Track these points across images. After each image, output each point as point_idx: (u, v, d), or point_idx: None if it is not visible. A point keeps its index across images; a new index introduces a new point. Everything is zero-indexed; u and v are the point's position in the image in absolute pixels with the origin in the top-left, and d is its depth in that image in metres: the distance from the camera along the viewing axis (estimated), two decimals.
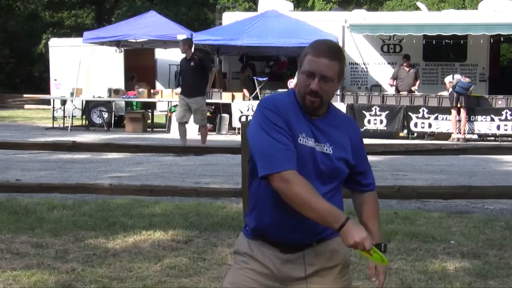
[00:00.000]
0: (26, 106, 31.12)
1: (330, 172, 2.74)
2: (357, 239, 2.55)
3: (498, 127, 16.47)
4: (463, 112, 16.26)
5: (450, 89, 16.35)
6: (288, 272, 2.78)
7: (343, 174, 2.79)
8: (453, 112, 16.31)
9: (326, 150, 2.73)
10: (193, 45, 13.53)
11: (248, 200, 2.87)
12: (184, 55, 13.11)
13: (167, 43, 19.80)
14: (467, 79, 16.37)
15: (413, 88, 17.45)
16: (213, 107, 18.52)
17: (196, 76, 12.73)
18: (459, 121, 16.35)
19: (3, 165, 10.90)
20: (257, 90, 18.14)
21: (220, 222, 6.81)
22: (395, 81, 17.71)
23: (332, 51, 2.73)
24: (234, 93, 18.21)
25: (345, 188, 2.90)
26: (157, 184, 8.27)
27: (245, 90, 18.33)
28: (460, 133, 16.27)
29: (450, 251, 5.83)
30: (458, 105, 16.24)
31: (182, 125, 12.82)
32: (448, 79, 16.60)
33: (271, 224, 2.77)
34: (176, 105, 18.90)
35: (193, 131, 16.94)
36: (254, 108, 2.87)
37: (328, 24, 18.00)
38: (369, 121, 16.98)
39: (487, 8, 18.31)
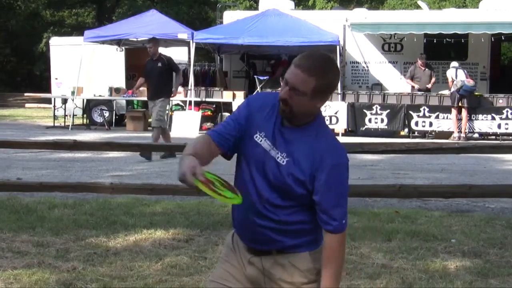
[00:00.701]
0: (27, 105, 31.13)
1: (279, 183, 2.65)
2: (184, 168, 2.48)
3: (499, 126, 16.47)
4: (464, 112, 16.23)
5: (453, 89, 16.27)
6: (252, 274, 2.78)
7: (294, 191, 2.64)
8: (454, 111, 16.29)
9: (279, 159, 2.64)
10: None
11: None
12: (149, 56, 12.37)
13: (168, 42, 19.79)
14: (472, 82, 16.26)
15: (428, 86, 17.31)
16: (214, 106, 18.54)
17: (163, 77, 12.05)
18: (460, 120, 16.33)
19: (4, 164, 10.90)
20: (258, 89, 18.15)
21: (221, 221, 6.81)
22: (413, 80, 17.53)
23: (313, 66, 2.61)
24: (235, 92, 18.21)
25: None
26: (158, 183, 8.26)
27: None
28: (461, 132, 16.25)
29: (451, 250, 5.83)
30: (460, 105, 16.22)
31: (162, 130, 12.10)
32: (450, 73, 16.43)
33: (236, 220, 2.83)
34: (177, 103, 19.04)
35: (193, 131, 16.97)
36: (255, 95, 2.90)
37: (329, 23, 18.00)
38: (370, 120, 16.98)
39: (488, 6, 18.29)
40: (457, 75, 16.30)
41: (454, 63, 16.62)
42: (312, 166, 2.62)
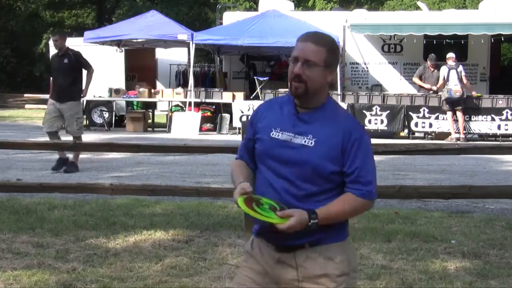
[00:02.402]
0: (27, 106, 31.12)
1: (310, 167, 2.67)
2: (234, 195, 2.66)
3: (499, 127, 16.45)
4: (459, 113, 16.17)
5: (441, 93, 16.24)
6: (280, 273, 2.76)
7: (326, 170, 2.67)
8: (449, 112, 16.25)
9: (305, 142, 2.69)
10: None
11: None
12: (56, 51, 10.83)
13: (167, 43, 19.82)
14: (458, 92, 16.02)
15: (434, 88, 17.13)
16: (214, 106, 18.55)
17: (71, 75, 10.45)
18: (456, 121, 16.29)
19: (4, 164, 10.90)
20: (258, 90, 18.15)
21: (221, 222, 6.82)
22: (421, 80, 17.29)
23: (319, 37, 2.75)
24: (234, 93, 18.21)
25: None
26: (157, 184, 8.27)
27: None
28: (459, 133, 16.22)
29: (451, 251, 5.83)
30: (454, 108, 16.18)
31: (52, 134, 10.36)
32: (442, 72, 16.24)
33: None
34: (177, 104, 19.04)
35: (193, 131, 16.97)
36: (255, 108, 2.95)
37: (329, 23, 17.99)
38: (369, 121, 16.97)
39: (487, 7, 18.30)
40: (449, 76, 16.12)
41: (451, 54, 16.43)
42: (342, 142, 2.68)
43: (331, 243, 2.74)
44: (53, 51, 21.84)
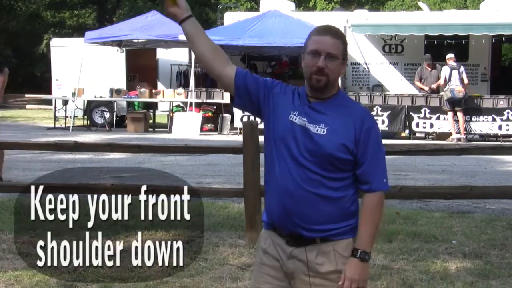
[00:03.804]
0: (27, 106, 31.15)
1: (323, 155, 2.70)
2: None
3: (500, 127, 16.44)
4: (460, 113, 16.16)
5: (443, 93, 16.25)
6: (292, 268, 2.77)
7: (339, 159, 2.70)
8: (449, 113, 16.24)
9: (318, 130, 2.72)
10: None
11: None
12: None
13: (168, 43, 19.82)
14: (461, 92, 16.04)
15: (433, 86, 17.07)
16: (215, 107, 18.54)
17: None
18: (457, 121, 16.28)
19: (5, 165, 10.87)
20: None
21: (222, 222, 6.81)
22: (421, 81, 17.29)
23: (335, 30, 2.84)
24: None
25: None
26: (159, 184, 8.24)
27: None
28: (460, 133, 16.21)
29: (452, 251, 5.83)
30: (454, 108, 16.18)
31: None
32: (444, 72, 16.30)
33: (275, 209, 2.79)
34: (178, 104, 19.04)
35: (194, 132, 16.97)
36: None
37: (330, 24, 17.93)
38: None
39: (488, 8, 18.29)
40: (451, 76, 16.12)
41: (451, 55, 16.44)
42: (355, 131, 2.72)
43: (343, 239, 2.76)
44: (54, 51, 22.03)
